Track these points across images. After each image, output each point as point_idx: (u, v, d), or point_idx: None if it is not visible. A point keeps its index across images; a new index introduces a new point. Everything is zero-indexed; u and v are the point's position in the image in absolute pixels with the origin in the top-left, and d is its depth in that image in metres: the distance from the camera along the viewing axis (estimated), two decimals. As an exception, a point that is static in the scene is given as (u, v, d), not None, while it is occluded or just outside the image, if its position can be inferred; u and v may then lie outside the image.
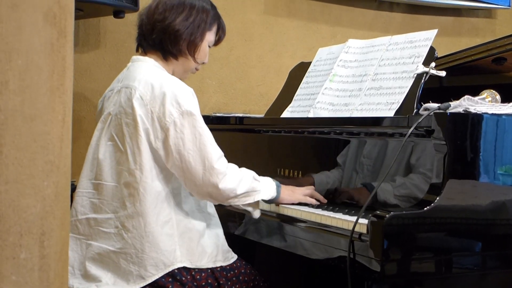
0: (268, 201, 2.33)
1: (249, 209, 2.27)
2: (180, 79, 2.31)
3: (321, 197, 2.39)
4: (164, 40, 2.25)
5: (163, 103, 2.12)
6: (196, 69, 2.37)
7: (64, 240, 1.43)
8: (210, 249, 2.22)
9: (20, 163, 1.29)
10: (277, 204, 2.35)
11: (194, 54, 2.29)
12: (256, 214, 2.29)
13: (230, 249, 2.32)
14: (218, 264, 2.22)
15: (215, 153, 2.16)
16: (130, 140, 2.14)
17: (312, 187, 2.43)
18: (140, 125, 2.12)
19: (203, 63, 2.36)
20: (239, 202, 2.22)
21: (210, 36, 2.33)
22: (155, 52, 2.29)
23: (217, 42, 2.39)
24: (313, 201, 2.37)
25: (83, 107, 3.43)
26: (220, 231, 2.32)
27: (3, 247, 1.27)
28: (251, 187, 2.22)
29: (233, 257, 2.30)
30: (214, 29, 2.35)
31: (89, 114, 3.44)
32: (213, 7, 2.35)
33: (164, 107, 2.12)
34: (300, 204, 2.39)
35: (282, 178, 2.54)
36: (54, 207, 1.36)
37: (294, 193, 2.37)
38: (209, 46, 2.35)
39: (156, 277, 2.09)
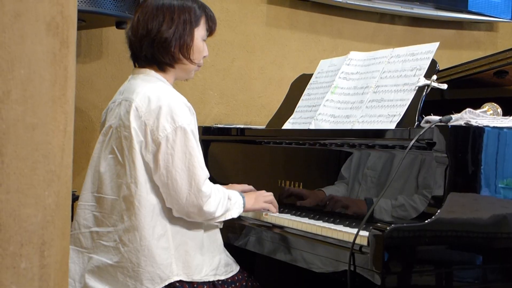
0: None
1: (216, 223, 2.28)
2: (188, 78, 2.30)
3: (276, 205, 2.44)
4: (155, 53, 2.21)
5: (158, 117, 2.10)
6: (199, 66, 2.32)
7: (65, 250, 1.43)
8: (209, 261, 2.21)
9: (21, 173, 1.29)
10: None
11: (189, 56, 2.24)
12: (221, 225, 2.31)
13: (232, 261, 2.31)
14: (218, 278, 2.21)
15: (203, 175, 2.15)
16: (128, 154, 2.12)
17: (271, 193, 2.45)
18: (134, 138, 2.11)
19: (204, 57, 2.32)
20: (212, 222, 2.24)
21: (200, 32, 2.27)
22: (151, 66, 2.25)
23: (210, 33, 2.33)
24: (273, 209, 2.42)
25: (85, 117, 3.43)
26: (220, 243, 2.31)
27: (4, 256, 1.27)
28: (226, 208, 2.24)
29: (232, 270, 2.28)
30: (203, 22, 2.28)
31: (91, 124, 3.45)
32: (194, 0, 2.27)
33: (158, 121, 2.10)
34: (300, 215, 2.39)
35: (282, 190, 2.54)
36: (55, 217, 1.35)
37: (257, 202, 2.39)
38: (203, 40, 2.29)
39: None
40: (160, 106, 2.11)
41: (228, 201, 2.25)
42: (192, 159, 2.12)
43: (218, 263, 2.24)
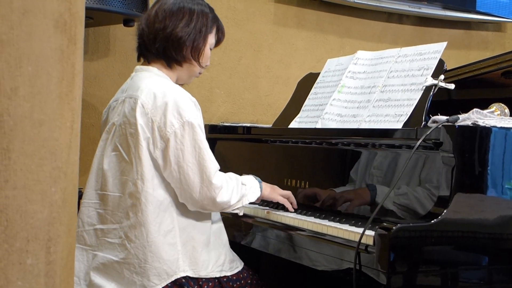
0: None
1: (236, 211, 2.28)
2: (185, 84, 2.32)
3: (294, 203, 2.47)
4: (167, 48, 2.24)
5: (165, 113, 2.11)
6: (199, 73, 2.36)
7: (71, 246, 1.43)
8: (215, 258, 2.22)
9: (28, 169, 1.29)
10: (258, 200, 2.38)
11: (199, 59, 2.29)
12: (241, 212, 2.31)
13: (237, 258, 2.32)
14: (224, 274, 2.22)
15: (213, 167, 2.17)
16: (134, 150, 2.13)
17: (289, 192, 2.47)
18: (141, 135, 2.12)
19: (206, 66, 2.36)
20: (230, 209, 2.25)
21: (211, 39, 2.33)
22: (159, 60, 2.28)
23: (217, 44, 2.38)
24: (289, 206, 2.45)
25: (92, 114, 3.44)
26: (225, 240, 2.32)
27: (10, 252, 1.27)
28: (241, 194, 2.26)
29: (237, 266, 2.29)
30: (214, 31, 2.34)
31: (97, 121, 3.45)
32: (211, 9, 2.35)
33: (165, 117, 2.11)
34: (306, 214, 2.39)
35: (289, 188, 2.54)
36: (61, 213, 1.36)
37: (274, 191, 2.43)
38: (210, 49, 2.34)
39: (159, 287, 2.09)
40: (166, 102, 2.12)
41: (243, 187, 2.27)
42: (202, 153, 2.14)
43: (224, 259, 2.24)
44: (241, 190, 2.26)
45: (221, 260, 2.23)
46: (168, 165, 2.12)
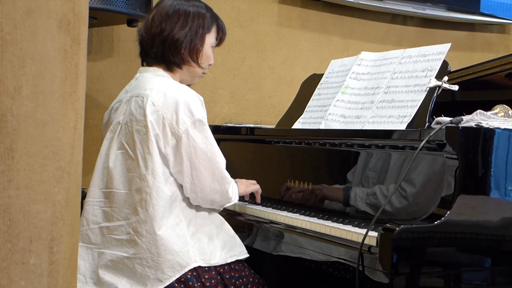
0: None
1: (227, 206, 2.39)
2: (190, 85, 2.34)
3: (258, 196, 2.64)
4: (165, 51, 2.29)
5: (176, 111, 2.16)
6: (204, 73, 2.40)
7: (74, 246, 1.43)
8: (221, 246, 2.27)
9: (32, 169, 1.29)
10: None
11: (197, 60, 2.33)
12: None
13: (243, 246, 2.37)
14: (235, 258, 2.27)
15: (223, 162, 2.25)
16: (141, 147, 2.17)
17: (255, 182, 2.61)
18: (150, 131, 2.15)
19: (209, 65, 2.40)
20: (227, 204, 2.36)
21: (210, 39, 2.36)
22: (159, 65, 2.33)
23: (219, 42, 2.43)
24: (258, 196, 2.62)
25: (95, 115, 3.44)
26: (228, 229, 2.36)
27: (13, 252, 1.27)
28: (236, 192, 2.36)
29: (246, 253, 2.34)
30: (214, 30, 2.37)
31: (101, 122, 3.44)
32: (209, 9, 2.37)
33: (177, 114, 2.15)
34: (309, 215, 2.39)
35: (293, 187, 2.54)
36: (64, 213, 1.36)
37: (248, 187, 2.56)
38: (212, 47, 2.38)
39: (173, 278, 2.12)
40: (177, 100, 2.17)
41: (234, 183, 2.38)
42: (212, 149, 2.22)
43: (230, 246, 2.29)
44: (236, 189, 2.37)
45: (228, 248, 2.28)
46: (180, 161, 2.18)
